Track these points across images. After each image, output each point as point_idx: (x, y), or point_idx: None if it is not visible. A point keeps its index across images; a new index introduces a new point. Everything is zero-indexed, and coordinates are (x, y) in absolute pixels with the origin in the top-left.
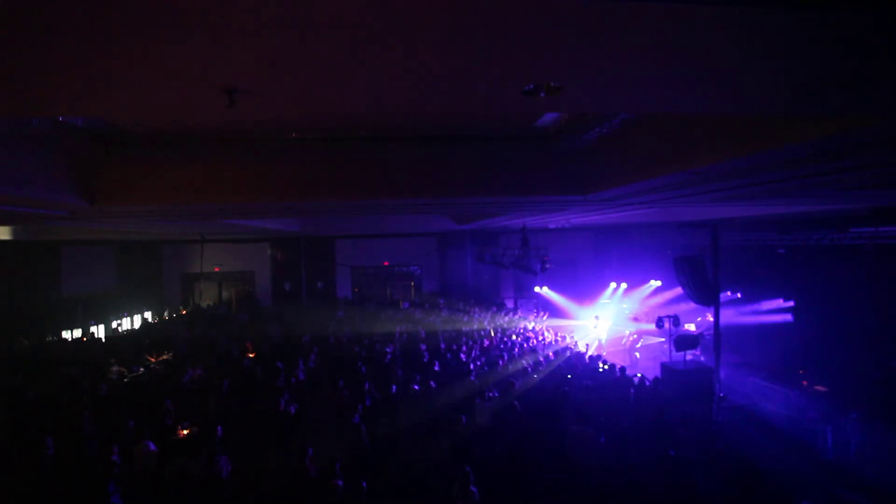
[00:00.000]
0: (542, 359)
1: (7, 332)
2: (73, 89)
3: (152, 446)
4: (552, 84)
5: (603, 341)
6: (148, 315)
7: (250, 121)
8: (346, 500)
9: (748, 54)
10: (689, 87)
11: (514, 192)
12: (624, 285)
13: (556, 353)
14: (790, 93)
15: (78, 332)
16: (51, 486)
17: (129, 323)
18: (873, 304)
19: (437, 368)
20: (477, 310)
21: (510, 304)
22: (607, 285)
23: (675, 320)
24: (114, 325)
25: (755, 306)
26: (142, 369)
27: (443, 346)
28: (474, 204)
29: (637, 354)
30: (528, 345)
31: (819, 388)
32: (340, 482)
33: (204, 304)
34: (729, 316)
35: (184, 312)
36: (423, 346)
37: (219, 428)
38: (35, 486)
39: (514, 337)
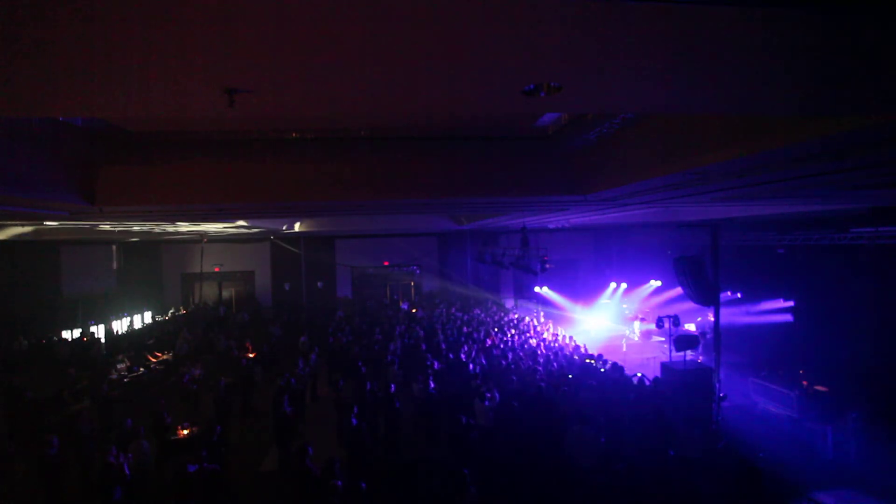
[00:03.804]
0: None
1: (7, 332)
2: (73, 89)
3: (146, 446)
4: (552, 84)
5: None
6: (148, 315)
7: (250, 120)
8: (346, 500)
9: (748, 54)
10: (689, 87)
11: (514, 193)
12: (624, 285)
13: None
14: (791, 93)
15: (78, 332)
16: (52, 486)
17: (129, 323)
18: (873, 303)
19: (437, 368)
20: (478, 311)
21: (510, 304)
22: (607, 285)
23: (675, 320)
24: (114, 325)
25: (755, 306)
26: (142, 369)
27: (443, 346)
28: (474, 204)
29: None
30: (528, 345)
31: (819, 388)
32: (340, 482)
33: (204, 305)
34: (729, 316)
35: (184, 312)
36: (424, 346)
37: (218, 427)
38: (35, 486)
39: (512, 332)
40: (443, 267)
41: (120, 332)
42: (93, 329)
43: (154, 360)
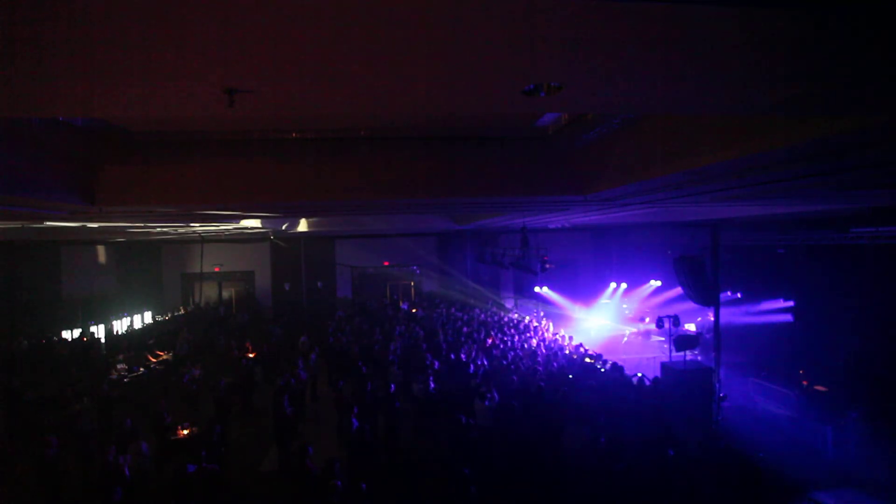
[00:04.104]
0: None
1: (7, 332)
2: (73, 89)
3: (144, 447)
4: (552, 84)
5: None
6: (149, 315)
7: (249, 120)
8: (346, 501)
9: (748, 54)
10: (688, 87)
11: (514, 192)
12: (624, 285)
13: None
14: (790, 93)
15: (78, 332)
16: (52, 486)
17: (129, 323)
18: (873, 303)
19: (437, 368)
20: (477, 311)
21: (510, 304)
22: (607, 285)
23: (675, 320)
24: (114, 325)
25: (755, 306)
26: (142, 369)
27: (443, 346)
28: (475, 204)
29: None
30: (528, 346)
31: (819, 388)
32: (340, 482)
33: (204, 305)
34: (729, 316)
35: (184, 312)
36: (424, 346)
37: (218, 427)
38: (35, 486)
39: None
40: (443, 267)
41: (120, 332)
42: (93, 329)
43: (154, 360)
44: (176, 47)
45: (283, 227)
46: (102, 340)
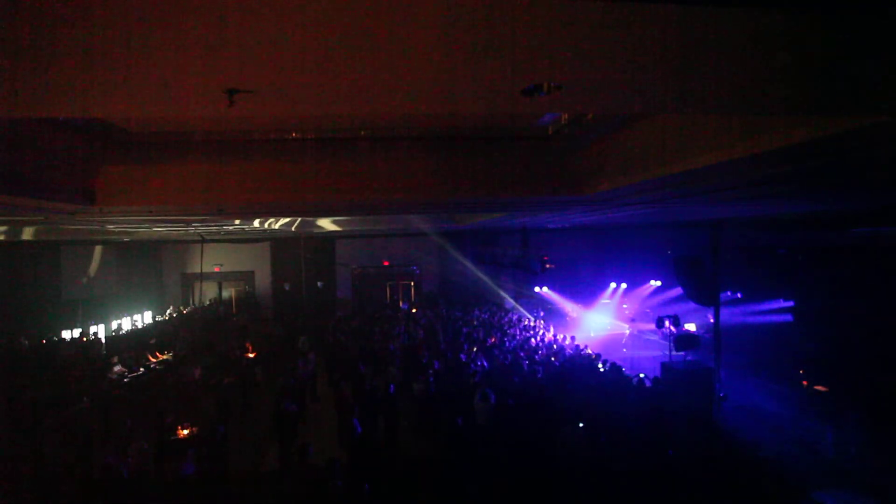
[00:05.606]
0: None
1: (7, 332)
2: (73, 89)
3: (145, 446)
4: (552, 84)
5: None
6: (148, 315)
7: (250, 120)
8: (346, 500)
9: (748, 54)
10: (688, 88)
11: (514, 192)
12: (624, 285)
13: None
14: (790, 93)
15: (78, 332)
16: (52, 486)
17: (129, 323)
18: (873, 303)
19: (437, 368)
20: (477, 311)
21: (510, 304)
22: (607, 285)
23: (675, 320)
24: (114, 325)
25: (755, 306)
26: (142, 369)
27: (443, 346)
28: (474, 204)
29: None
30: (527, 343)
31: (819, 388)
32: (340, 482)
33: (204, 305)
34: (729, 316)
35: (183, 312)
36: (424, 346)
37: (220, 428)
38: (34, 486)
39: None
40: (443, 267)
41: (120, 332)
42: (93, 329)
43: (154, 360)
44: (176, 47)
45: (281, 224)
46: (102, 340)
